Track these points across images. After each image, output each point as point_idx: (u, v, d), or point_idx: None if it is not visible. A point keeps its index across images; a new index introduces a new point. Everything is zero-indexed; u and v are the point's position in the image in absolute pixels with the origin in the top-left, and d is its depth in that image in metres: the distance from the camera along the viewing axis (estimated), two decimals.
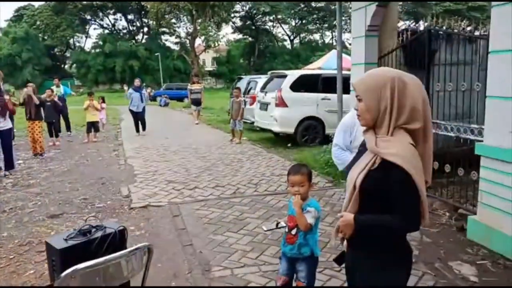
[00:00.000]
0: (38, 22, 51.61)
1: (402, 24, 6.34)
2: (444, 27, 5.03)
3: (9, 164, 7.19)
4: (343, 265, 1.94)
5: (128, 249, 1.89)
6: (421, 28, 5.62)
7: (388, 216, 1.61)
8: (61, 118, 11.83)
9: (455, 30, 4.86)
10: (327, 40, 62.17)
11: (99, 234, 1.97)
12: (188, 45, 27.01)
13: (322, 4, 52.31)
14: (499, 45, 3.63)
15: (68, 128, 12.64)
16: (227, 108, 16.17)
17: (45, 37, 52.11)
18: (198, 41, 31.43)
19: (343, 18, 6.49)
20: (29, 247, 4.01)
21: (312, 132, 9.69)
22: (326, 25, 58.78)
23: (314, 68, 14.27)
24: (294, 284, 2.70)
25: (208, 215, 4.84)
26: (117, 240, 2.00)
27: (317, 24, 59.73)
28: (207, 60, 57.03)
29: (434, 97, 5.08)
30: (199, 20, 25.01)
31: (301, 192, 2.50)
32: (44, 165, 8.01)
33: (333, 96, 8.23)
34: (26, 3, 55.03)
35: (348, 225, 1.69)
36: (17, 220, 4.81)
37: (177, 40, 50.74)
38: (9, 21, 54.51)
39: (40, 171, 7.48)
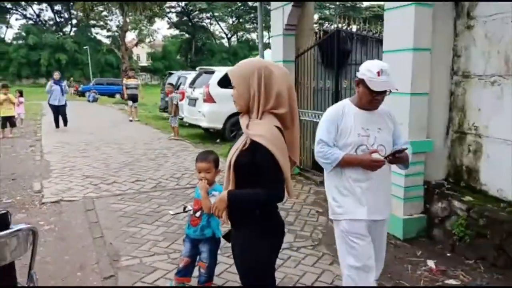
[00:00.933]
0: None
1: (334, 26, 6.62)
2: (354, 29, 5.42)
3: None
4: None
5: (8, 231, 1.88)
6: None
7: (256, 189, 1.78)
8: None
9: (363, 32, 5.25)
10: (264, 39, 63.07)
11: None
12: (120, 38, 26.03)
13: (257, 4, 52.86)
14: (388, 45, 4.04)
15: None
16: (159, 104, 15.94)
17: None
18: (132, 36, 30.50)
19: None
20: None
21: (240, 127, 9.84)
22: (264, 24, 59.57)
23: None
24: (196, 265, 2.82)
25: (123, 209, 4.80)
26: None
27: (254, 24, 60.44)
28: (141, 55, 55.38)
29: (342, 93, 5.49)
30: (130, 14, 24.24)
31: (208, 178, 2.60)
32: None
33: None
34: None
35: (221, 201, 1.84)
36: None
37: (109, 33, 48.64)
38: None
39: None
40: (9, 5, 51.28)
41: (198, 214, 2.77)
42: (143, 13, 23.67)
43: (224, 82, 9.66)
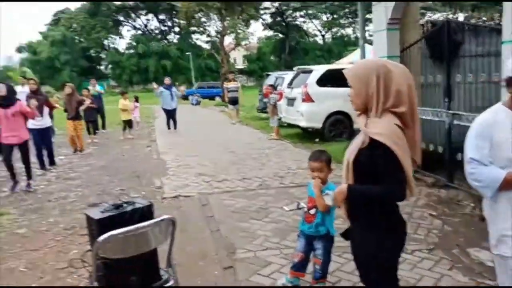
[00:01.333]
0: (74, 25, 53.70)
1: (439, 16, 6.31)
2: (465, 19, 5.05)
3: (51, 160, 7.77)
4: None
5: (154, 220, 2.19)
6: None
7: (377, 186, 1.81)
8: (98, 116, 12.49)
9: (475, 21, 4.88)
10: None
11: (129, 208, 2.28)
12: (218, 43, 27.45)
13: None
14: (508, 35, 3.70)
15: (104, 126, 13.30)
16: (256, 105, 16.50)
17: (81, 39, 54.15)
18: (229, 39, 31.96)
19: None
20: (72, 231, 4.43)
21: (340, 126, 9.76)
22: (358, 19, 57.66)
23: (346, 63, 14.19)
24: (311, 261, 2.93)
25: (234, 205, 5.12)
26: (145, 214, 2.31)
27: (349, 19, 58.81)
28: (238, 58, 57.49)
29: (456, 88, 5.13)
30: (228, 18, 25.39)
31: (321, 177, 2.69)
32: (84, 160, 8.56)
33: None
34: (63, 6, 57.31)
35: (341, 192, 1.91)
36: (61, 209, 5.27)
37: (208, 38, 51.49)
38: (48, 25, 57.02)
39: (80, 165, 8.02)
40: (121, 18, 57.16)
41: (312, 211, 2.86)
42: (240, 16, 24.61)
43: (323, 81, 9.69)
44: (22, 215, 5.06)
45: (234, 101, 14.26)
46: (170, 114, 12.56)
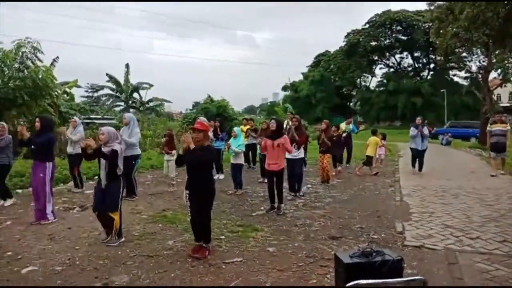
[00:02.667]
0: (331, 66, 58.90)
1: None
2: None
3: (299, 188, 8.54)
4: None
5: (405, 278, 2.01)
6: None
7: None
8: (345, 151, 13.07)
9: None
10: None
11: (379, 258, 2.18)
12: (480, 79, 24.50)
13: None
14: None
15: (349, 160, 13.77)
16: None
17: (336, 79, 58.68)
18: (493, 75, 28.09)
19: None
20: (313, 259, 4.67)
21: None
22: None
23: None
24: None
25: (491, 271, 4.29)
26: (394, 268, 2.15)
27: None
28: (502, 95, 49.98)
29: None
30: (496, 52, 22.38)
31: None
32: (328, 191, 9.04)
33: None
34: (324, 49, 63.68)
35: None
36: (305, 235, 5.67)
37: (467, 74, 46.83)
38: (309, 67, 64.67)
39: (325, 196, 8.49)
40: (375, 57, 58.95)
41: None
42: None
43: None
44: (272, 234, 5.70)
45: (499, 148, 11.42)
46: (418, 155, 11.86)
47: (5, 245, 5.31)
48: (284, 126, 15.15)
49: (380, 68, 61.25)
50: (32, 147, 6.54)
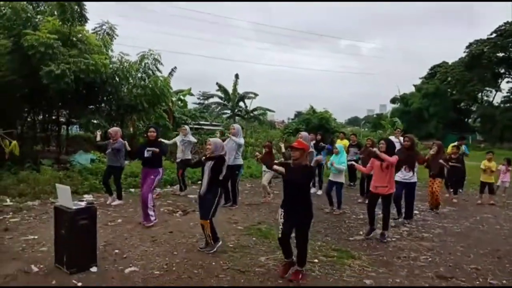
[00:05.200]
0: (449, 78, 54.18)
1: None
2: None
3: (409, 214, 7.83)
4: None
5: None
6: None
7: None
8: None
9: None
10: None
11: None
12: None
13: None
14: None
15: (462, 185, 12.32)
16: None
17: (454, 92, 53.77)
18: None
19: None
20: None
21: None
22: None
23: None
24: None
25: None
26: None
27: None
28: None
29: None
30: None
31: None
32: (438, 220, 8.14)
33: None
34: (440, 61, 59.01)
35: None
36: (409, 270, 5.10)
37: None
38: (423, 79, 60.39)
39: (434, 226, 7.64)
40: (502, 70, 52.66)
41: None
42: None
43: None
44: (371, 265, 5.25)
45: None
46: None
47: (114, 242, 5.78)
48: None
49: (507, 82, 54.42)
50: (146, 155, 6.93)
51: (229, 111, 38.52)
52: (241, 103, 38.23)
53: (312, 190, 10.79)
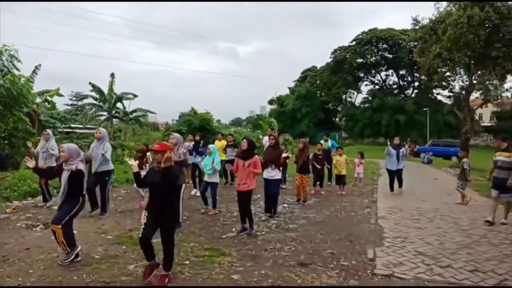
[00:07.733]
0: (317, 81, 59.49)
1: None
2: None
3: (270, 209, 8.34)
4: None
5: None
6: None
7: None
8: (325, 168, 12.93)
9: None
10: None
11: None
12: (463, 99, 24.96)
13: None
14: None
15: (330, 178, 13.64)
16: None
17: (322, 94, 59.15)
18: (475, 95, 28.60)
19: None
20: None
21: None
22: None
23: None
24: None
25: None
26: None
27: None
28: (484, 114, 51.02)
29: None
30: (478, 73, 22.79)
31: None
32: (304, 212, 8.88)
33: None
34: (311, 65, 64.31)
35: None
36: (274, 261, 5.46)
37: (450, 94, 47.69)
38: (296, 82, 65.17)
39: (299, 217, 8.32)
40: (361, 74, 59.71)
41: None
42: (492, 71, 21.73)
43: None
44: (240, 260, 5.47)
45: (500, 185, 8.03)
46: (394, 175, 11.85)
47: None
48: (263, 142, 14.98)
49: (366, 85, 62.08)
50: None
51: (105, 113, 36.14)
52: (119, 104, 36.13)
53: (192, 192, 10.83)
